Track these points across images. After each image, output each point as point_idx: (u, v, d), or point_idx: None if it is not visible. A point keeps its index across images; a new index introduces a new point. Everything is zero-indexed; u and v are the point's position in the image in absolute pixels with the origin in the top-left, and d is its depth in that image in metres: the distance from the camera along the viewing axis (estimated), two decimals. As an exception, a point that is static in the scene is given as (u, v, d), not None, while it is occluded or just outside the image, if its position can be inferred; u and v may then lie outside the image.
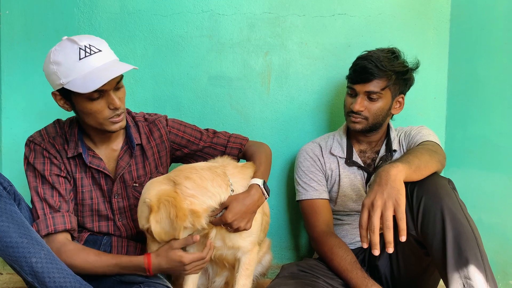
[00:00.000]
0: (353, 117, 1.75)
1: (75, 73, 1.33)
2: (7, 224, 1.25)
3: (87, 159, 1.52)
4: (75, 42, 1.35)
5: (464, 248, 1.28)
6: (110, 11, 2.08)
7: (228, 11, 2.12)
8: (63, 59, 1.34)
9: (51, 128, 1.56)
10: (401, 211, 1.25)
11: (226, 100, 2.15)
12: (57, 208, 1.44)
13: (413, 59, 1.80)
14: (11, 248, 1.23)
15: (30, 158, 1.48)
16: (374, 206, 1.27)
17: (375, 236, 1.25)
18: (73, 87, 1.32)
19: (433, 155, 1.47)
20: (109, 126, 1.45)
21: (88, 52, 1.35)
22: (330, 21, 2.15)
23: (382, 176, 1.31)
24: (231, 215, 1.39)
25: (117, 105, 1.41)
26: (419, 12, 2.17)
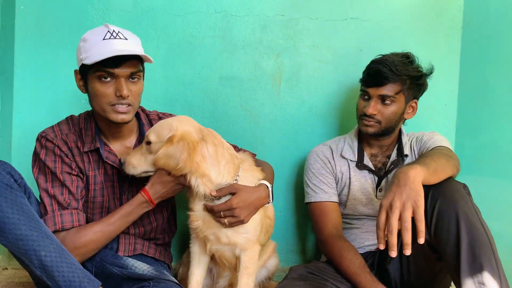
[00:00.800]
0: (366, 121, 1.74)
1: (94, 50, 1.37)
2: (17, 217, 1.24)
3: (103, 154, 1.51)
4: (107, 27, 1.42)
5: (479, 253, 1.27)
6: (124, 8, 2.09)
7: (241, 12, 2.13)
8: (89, 36, 1.41)
9: (64, 124, 1.55)
10: (420, 213, 1.24)
11: (237, 101, 2.15)
12: (66, 205, 1.43)
13: (427, 64, 1.80)
14: (21, 241, 1.22)
15: (41, 155, 1.47)
16: (393, 207, 1.26)
17: (392, 237, 1.24)
18: (86, 61, 1.36)
19: (449, 159, 1.47)
20: (111, 115, 1.44)
21: (113, 36, 1.39)
22: (342, 25, 2.15)
23: (401, 177, 1.30)
24: (237, 201, 1.40)
25: (123, 92, 1.40)
26: (432, 19, 2.18)
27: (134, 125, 1.60)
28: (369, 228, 1.79)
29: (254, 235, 1.51)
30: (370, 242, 1.77)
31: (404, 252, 1.24)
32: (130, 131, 1.59)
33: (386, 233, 1.27)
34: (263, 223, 1.56)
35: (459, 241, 1.30)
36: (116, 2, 2.08)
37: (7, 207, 1.24)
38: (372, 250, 1.76)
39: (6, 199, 1.25)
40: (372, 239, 1.77)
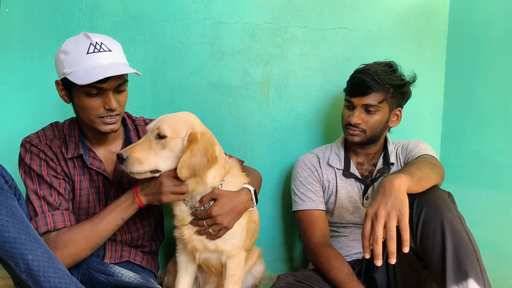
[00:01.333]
0: (350, 130, 1.76)
1: (79, 66, 1.34)
2: (6, 218, 1.21)
3: (87, 160, 1.49)
4: (88, 37, 1.37)
5: (464, 261, 1.29)
6: (112, 14, 2.07)
7: (230, 19, 2.13)
8: (72, 49, 1.35)
9: (48, 130, 1.53)
10: (405, 222, 1.25)
11: (225, 108, 2.15)
12: (56, 206, 1.41)
13: (410, 72, 1.83)
14: (8, 243, 1.19)
15: (26, 159, 1.45)
16: (378, 216, 1.27)
17: (378, 246, 1.25)
18: (73, 79, 1.32)
19: (433, 168, 1.49)
20: (100, 126, 1.43)
21: (97, 49, 1.36)
22: (330, 34, 2.18)
23: (386, 186, 1.31)
24: (217, 208, 1.39)
25: (112, 106, 1.39)
26: (417, 30, 2.22)
27: (120, 131, 1.59)
28: (356, 236, 1.80)
29: (240, 240, 1.50)
30: (357, 250, 1.78)
31: (389, 261, 1.25)
32: (116, 137, 1.57)
33: (371, 242, 1.28)
34: (248, 228, 1.55)
35: (445, 249, 1.31)
36: (105, 8, 2.06)
37: None
38: (359, 258, 1.77)
39: None
40: (359, 247, 1.78)
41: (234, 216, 1.44)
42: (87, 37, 1.37)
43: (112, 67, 1.36)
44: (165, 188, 1.37)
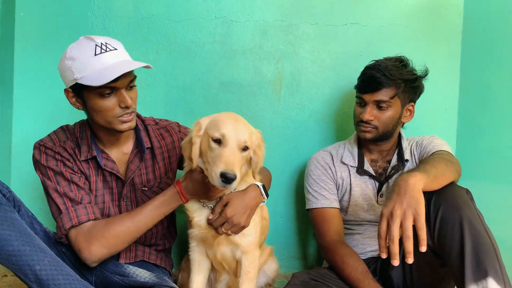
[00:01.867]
0: (363, 127, 1.74)
1: (89, 68, 1.33)
2: (8, 233, 1.23)
3: (101, 161, 1.50)
4: (91, 39, 1.36)
5: (483, 259, 1.26)
6: (124, 15, 2.09)
7: (241, 18, 2.13)
8: (78, 54, 1.34)
9: (60, 133, 1.54)
10: (421, 221, 1.23)
11: (237, 106, 2.15)
12: (78, 200, 1.42)
13: (422, 67, 1.80)
14: (13, 257, 1.21)
15: (43, 160, 1.45)
16: (393, 215, 1.25)
17: (394, 246, 1.23)
18: (86, 81, 1.32)
19: (449, 164, 1.46)
20: (118, 125, 1.43)
21: (103, 49, 1.36)
22: (342, 30, 2.16)
23: (401, 185, 1.30)
24: (230, 210, 1.39)
25: (128, 103, 1.40)
26: (431, 24, 2.18)
27: (131, 131, 1.59)
28: (371, 233, 1.78)
29: (255, 237, 1.51)
30: (372, 248, 1.76)
31: (406, 261, 1.23)
32: (128, 137, 1.58)
33: (387, 242, 1.26)
34: (260, 224, 1.56)
35: (463, 247, 1.29)
36: (116, 9, 2.08)
37: None
38: (374, 256, 1.75)
39: None
40: (374, 244, 1.76)
41: (249, 213, 1.44)
42: (90, 40, 1.37)
43: (123, 65, 1.37)
44: (212, 192, 1.41)
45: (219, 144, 1.30)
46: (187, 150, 1.39)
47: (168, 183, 1.64)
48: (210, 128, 1.33)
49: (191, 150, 1.35)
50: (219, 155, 1.27)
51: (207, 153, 1.31)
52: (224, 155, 1.26)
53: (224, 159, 1.25)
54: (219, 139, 1.29)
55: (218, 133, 1.29)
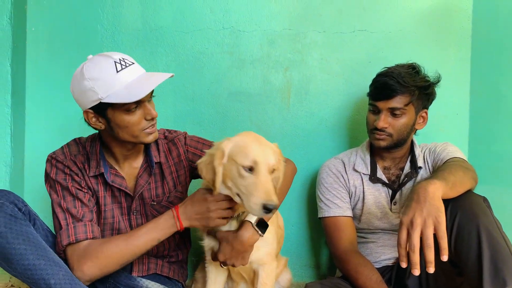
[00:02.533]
0: (377, 134, 1.72)
1: (115, 86, 1.32)
2: (24, 247, 1.24)
3: (109, 178, 1.50)
4: (108, 56, 1.36)
5: (501, 267, 1.24)
6: (133, 27, 2.11)
7: (249, 28, 2.14)
8: (99, 73, 1.33)
9: (73, 146, 1.54)
10: (442, 229, 1.21)
11: (246, 116, 2.15)
12: (79, 217, 1.42)
13: (434, 73, 1.79)
14: (29, 271, 1.22)
15: (52, 174, 1.47)
16: (414, 224, 1.23)
17: (415, 255, 1.21)
18: (116, 99, 1.31)
19: (466, 172, 1.44)
20: (144, 138, 1.44)
21: (123, 65, 1.36)
22: (350, 37, 2.15)
23: (420, 193, 1.28)
24: (222, 255, 1.40)
25: (154, 114, 1.42)
26: (440, 29, 2.17)
27: (141, 145, 1.59)
28: (385, 242, 1.76)
29: (273, 248, 1.50)
30: (386, 256, 1.74)
31: (428, 270, 1.21)
32: (139, 151, 1.58)
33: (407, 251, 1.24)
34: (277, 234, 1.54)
35: (481, 255, 1.27)
36: (125, 22, 2.11)
37: (13, 238, 1.24)
38: (389, 264, 1.73)
39: (12, 230, 1.25)
40: (389, 253, 1.74)
41: (242, 255, 1.39)
42: (107, 57, 1.36)
43: (149, 78, 1.39)
44: (212, 213, 1.36)
45: (251, 172, 1.25)
46: (208, 174, 1.33)
47: (177, 196, 1.64)
48: (236, 155, 1.27)
49: (212, 174, 1.30)
50: (254, 184, 1.23)
51: (236, 180, 1.27)
52: (260, 184, 1.22)
53: (262, 188, 1.21)
54: (251, 167, 1.26)
55: (249, 161, 1.25)
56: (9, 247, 1.23)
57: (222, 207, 1.37)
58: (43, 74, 2.07)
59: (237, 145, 1.30)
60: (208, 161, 1.33)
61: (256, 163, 1.24)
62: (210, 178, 1.32)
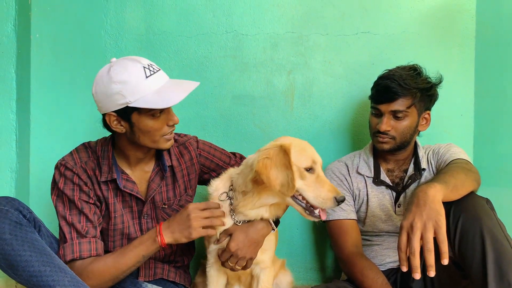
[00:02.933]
0: (380, 137, 1.72)
1: (144, 91, 1.33)
2: (29, 254, 1.25)
3: (121, 183, 1.49)
4: (137, 61, 1.37)
5: (506, 270, 1.24)
6: (136, 32, 2.12)
7: (252, 31, 2.14)
8: (129, 77, 1.33)
9: (82, 152, 1.52)
10: (442, 233, 1.21)
11: (250, 119, 2.16)
12: (84, 233, 1.42)
13: (436, 74, 1.78)
14: (34, 278, 1.23)
15: (60, 183, 1.45)
16: (414, 228, 1.23)
17: (415, 259, 1.21)
18: (146, 104, 1.32)
19: (468, 174, 1.44)
20: (163, 144, 1.46)
21: (152, 70, 1.37)
22: (353, 39, 2.15)
23: (420, 197, 1.28)
24: (234, 244, 1.39)
25: (176, 121, 1.44)
26: (443, 30, 2.16)
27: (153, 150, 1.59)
28: (390, 244, 1.76)
29: (272, 252, 1.53)
30: (391, 259, 1.74)
31: (428, 274, 1.21)
32: (152, 156, 1.59)
33: (408, 255, 1.24)
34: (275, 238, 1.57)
35: (485, 258, 1.27)
36: (129, 27, 2.12)
37: (18, 245, 1.25)
38: (394, 267, 1.73)
39: (17, 237, 1.26)
40: (394, 255, 1.74)
41: (254, 246, 1.42)
42: (136, 61, 1.37)
43: (179, 84, 1.41)
44: (193, 221, 1.35)
45: (310, 171, 1.33)
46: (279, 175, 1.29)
47: (188, 200, 1.65)
48: (296, 158, 1.32)
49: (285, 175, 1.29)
50: (318, 182, 1.32)
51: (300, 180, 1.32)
52: (324, 181, 1.33)
53: (327, 184, 1.32)
54: (311, 167, 1.33)
55: (310, 162, 1.33)
56: (14, 254, 1.23)
57: (203, 215, 1.37)
58: (48, 80, 2.08)
59: (295, 150, 1.34)
60: (279, 162, 1.30)
61: (315, 163, 1.34)
62: (279, 180, 1.29)
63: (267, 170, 1.28)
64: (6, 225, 1.27)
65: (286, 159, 1.29)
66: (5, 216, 1.28)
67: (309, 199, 1.31)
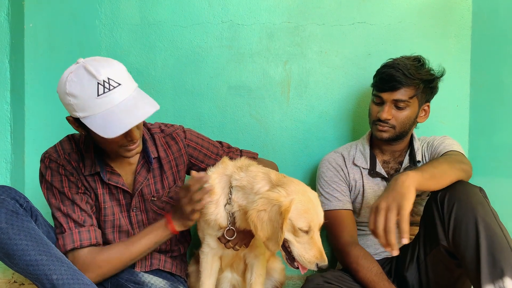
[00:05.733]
0: (380, 126, 1.72)
1: (93, 110, 1.24)
2: (25, 242, 1.25)
3: (105, 176, 1.48)
4: (93, 76, 1.24)
5: (499, 258, 1.25)
6: (131, 22, 2.10)
7: (247, 21, 2.13)
8: (79, 92, 1.24)
9: (66, 143, 1.50)
10: (404, 214, 1.25)
11: (246, 110, 2.15)
12: (81, 222, 1.42)
13: (437, 66, 1.78)
14: (31, 266, 1.23)
15: (47, 176, 1.45)
16: (378, 208, 1.29)
17: (381, 237, 1.27)
18: (92, 126, 1.25)
19: (453, 163, 1.45)
20: (123, 153, 1.41)
21: (107, 88, 1.25)
22: (349, 29, 2.14)
23: (391, 184, 1.34)
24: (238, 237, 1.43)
25: (135, 138, 1.37)
26: (440, 20, 2.16)
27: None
28: (385, 234, 1.77)
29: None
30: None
31: (392, 253, 1.27)
32: None
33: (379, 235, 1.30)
34: None
35: (478, 246, 1.28)
36: (123, 17, 2.10)
37: (14, 234, 1.25)
38: (388, 256, 1.74)
39: (13, 226, 1.26)
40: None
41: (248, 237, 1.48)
42: (91, 75, 1.24)
43: (132, 110, 1.27)
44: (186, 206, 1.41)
45: (306, 233, 1.30)
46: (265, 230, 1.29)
47: (177, 192, 1.64)
48: (295, 219, 1.28)
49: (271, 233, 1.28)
50: (309, 244, 1.30)
51: (289, 235, 1.31)
52: (315, 245, 1.30)
53: (317, 249, 1.30)
54: (307, 231, 1.30)
55: (307, 226, 1.29)
56: (10, 243, 1.23)
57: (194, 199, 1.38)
58: (42, 70, 2.07)
59: (297, 209, 1.29)
60: (268, 219, 1.28)
61: (312, 227, 1.30)
62: (267, 235, 1.29)
63: (259, 222, 1.28)
64: (3, 214, 1.27)
65: (280, 221, 1.25)
66: (1, 205, 1.28)
67: (293, 253, 1.32)
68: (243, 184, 1.39)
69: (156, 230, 1.47)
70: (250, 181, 1.38)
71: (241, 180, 1.40)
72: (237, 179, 1.41)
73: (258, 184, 1.36)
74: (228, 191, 1.42)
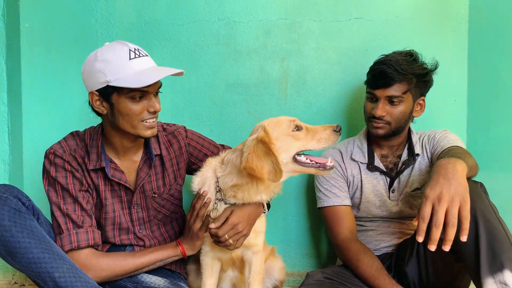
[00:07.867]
0: (375, 123, 1.72)
1: (125, 71, 1.35)
2: (28, 240, 1.25)
3: (109, 172, 1.49)
4: (125, 44, 1.40)
5: (499, 252, 1.25)
6: (127, 21, 2.10)
7: (244, 18, 2.12)
8: (112, 57, 1.36)
9: (71, 140, 1.52)
10: (467, 209, 1.21)
11: (244, 107, 2.15)
12: (80, 223, 1.42)
13: (431, 60, 1.78)
14: (33, 264, 1.23)
15: (52, 171, 1.45)
16: (441, 200, 1.22)
17: (438, 231, 1.21)
18: (123, 83, 1.33)
19: (473, 160, 1.45)
20: (143, 131, 1.44)
21: (137, 54, 1.39)
22: (346, 25, 2.14)
23: (449, 169, 1.27)
24: (236, 217, 1.43)
25: (157, 108, 1.44)
26: (437, 15, 2.15)
27: (142, 140, 1.59)
28: (384, 229, 1.77)
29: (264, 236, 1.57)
30: (386, 244, 1.75)
31: (444, 248, 1.22)
32: (140, 145, 1.58)
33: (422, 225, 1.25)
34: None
35: (478, 240, 1.28)
36: (119, 15, 2.09)
37: (17, 232, 1.25)
38: (388, 252, 1.74)
39: (16, 224, 1.26)
40: (388, 240, 1.76)
41: (251, 222, 1.48)
42: (124, 44, 1.40)
43: (159, 69, 1.41)
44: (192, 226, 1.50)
45: (298, 129, 1.42)
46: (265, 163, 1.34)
47: (178, 190, 1.66)
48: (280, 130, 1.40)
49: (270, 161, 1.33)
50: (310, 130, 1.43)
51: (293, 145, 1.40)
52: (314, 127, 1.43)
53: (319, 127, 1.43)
54: (296, 126, 1.42)
55: (293, 124, 1.42)
56: (13, 240, 1.24)
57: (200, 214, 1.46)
58: (39, 71, 2.06)
59: (272, 125, 1.41)
60: (261, 153, 1.34)
61: (296, 120, 1.43)
62: (267, 168, 1.33)
63: (253, 164, 1.32)
64: (5, 212, 1.27)
65: (265, 147, 1.34)
66: (4, 203, 1.28)
67: (315, 148, 1.41)
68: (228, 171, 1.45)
69: (165, 249, 1.53)
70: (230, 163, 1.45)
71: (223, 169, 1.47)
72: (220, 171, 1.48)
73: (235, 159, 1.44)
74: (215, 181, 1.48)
